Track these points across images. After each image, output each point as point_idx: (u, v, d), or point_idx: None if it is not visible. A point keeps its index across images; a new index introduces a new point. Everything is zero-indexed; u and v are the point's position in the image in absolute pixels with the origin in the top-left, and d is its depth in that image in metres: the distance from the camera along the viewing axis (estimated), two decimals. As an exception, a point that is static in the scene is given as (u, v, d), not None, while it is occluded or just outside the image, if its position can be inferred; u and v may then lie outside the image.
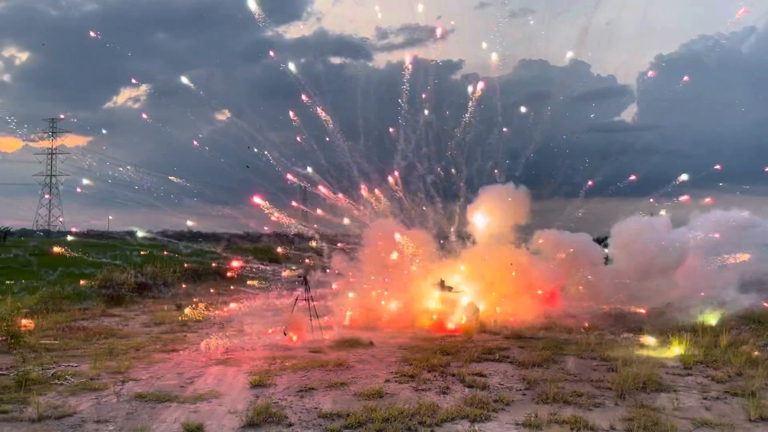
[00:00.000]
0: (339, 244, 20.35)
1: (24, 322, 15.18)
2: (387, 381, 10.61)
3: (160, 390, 9.93)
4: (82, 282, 22.30)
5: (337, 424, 8.15)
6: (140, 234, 18.91)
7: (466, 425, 8.22)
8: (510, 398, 9.52)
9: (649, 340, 14.45)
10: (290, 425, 8.20)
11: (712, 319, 16.76)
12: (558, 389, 9.82)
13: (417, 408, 8.75)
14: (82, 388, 10.06)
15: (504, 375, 11.24)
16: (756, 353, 12.57)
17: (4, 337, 13.68)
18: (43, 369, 11.05)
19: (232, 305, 19.37)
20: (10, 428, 8.08)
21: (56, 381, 10.47)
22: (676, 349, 13.21)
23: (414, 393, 9.84)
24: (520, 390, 10.14)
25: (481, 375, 11.09)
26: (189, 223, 19.89)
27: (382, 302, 18.37)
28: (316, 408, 8.98)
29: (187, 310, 18.88)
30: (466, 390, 10.06)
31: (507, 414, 8.78)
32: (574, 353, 13.15)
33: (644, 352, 13.20)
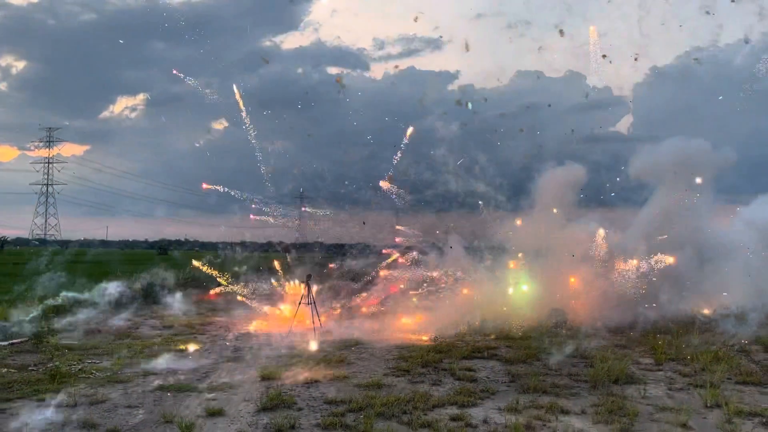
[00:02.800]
0: None
1: None
2: (385, 375, 11.70)
3: (180, 382, 10.98)
4: None
5: (341, 409, 9.24)
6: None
7: (455, 410, 9.31)
8: (495, 389, 10.63)
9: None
10: (300, 409, 9.28)
11: None
12: (539, 381, 10.92)
13: (412, 396, 9.85)
14: (108, 380, 11.12)
15: (491, 370, 12.33)
16: (721, 351, 13.69)
17: (28, 338, 14.73)
18: (69, 365, 12.10)
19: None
20: (50, 413, 9.12)
21: (83, 375, 11.52)
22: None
23: (409, 384, 10.93)
24: (505, 382, 11.24)
25: (471, 370, 12.18)
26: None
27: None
28: (322, 396, 10.07)
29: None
30: (456, 382, 11.15)
31: (492, 401, 9.89)
32: (557, 351, 14.20)
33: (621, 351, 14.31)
